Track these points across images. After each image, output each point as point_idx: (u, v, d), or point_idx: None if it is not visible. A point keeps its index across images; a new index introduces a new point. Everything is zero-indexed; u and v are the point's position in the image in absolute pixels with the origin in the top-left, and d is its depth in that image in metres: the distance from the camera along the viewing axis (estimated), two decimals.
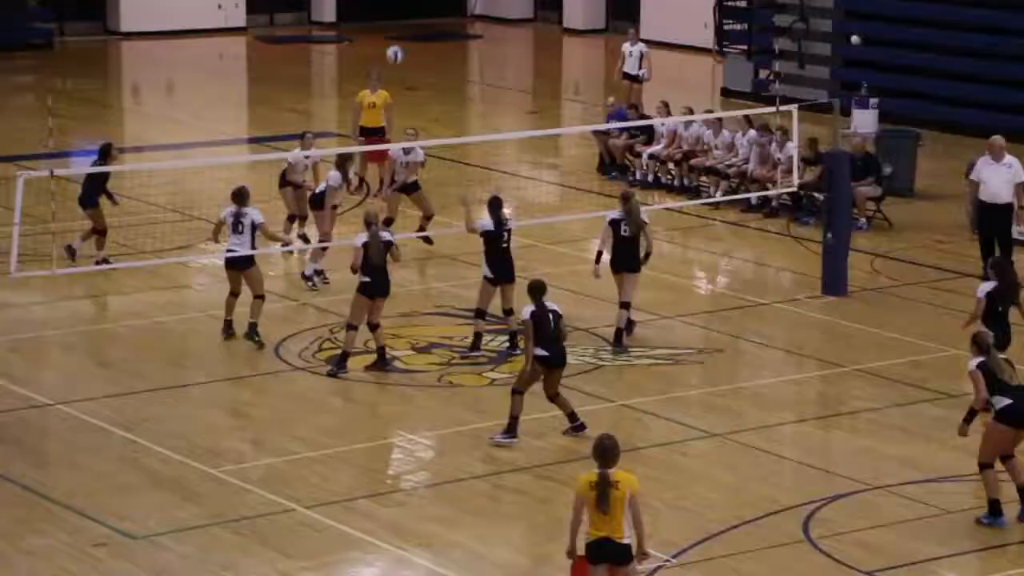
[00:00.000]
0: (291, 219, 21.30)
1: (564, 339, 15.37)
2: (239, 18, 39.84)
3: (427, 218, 21.59)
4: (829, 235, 20.09)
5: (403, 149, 21.19)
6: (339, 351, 17.67)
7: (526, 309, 15.21)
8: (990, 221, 20.52)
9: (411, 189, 21.66)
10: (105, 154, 20.43)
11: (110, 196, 20.53)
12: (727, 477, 14.84)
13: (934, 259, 21.75)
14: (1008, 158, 20.57)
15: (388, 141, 23.98)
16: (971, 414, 13.97)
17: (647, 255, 18.03)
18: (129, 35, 38.58)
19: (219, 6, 39.46)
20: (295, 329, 18.54)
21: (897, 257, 21.86)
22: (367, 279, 17.12)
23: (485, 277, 17.81)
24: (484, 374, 17.35)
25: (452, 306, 19.41)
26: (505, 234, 17.77)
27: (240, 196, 17.94)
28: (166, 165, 25.30)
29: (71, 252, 20.22)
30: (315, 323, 18.68)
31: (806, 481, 14.84)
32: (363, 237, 17.17)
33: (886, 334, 18.54)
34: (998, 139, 20.85)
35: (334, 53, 38.92)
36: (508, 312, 17.81)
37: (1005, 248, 20.60)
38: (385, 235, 17.28)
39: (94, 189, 20.35)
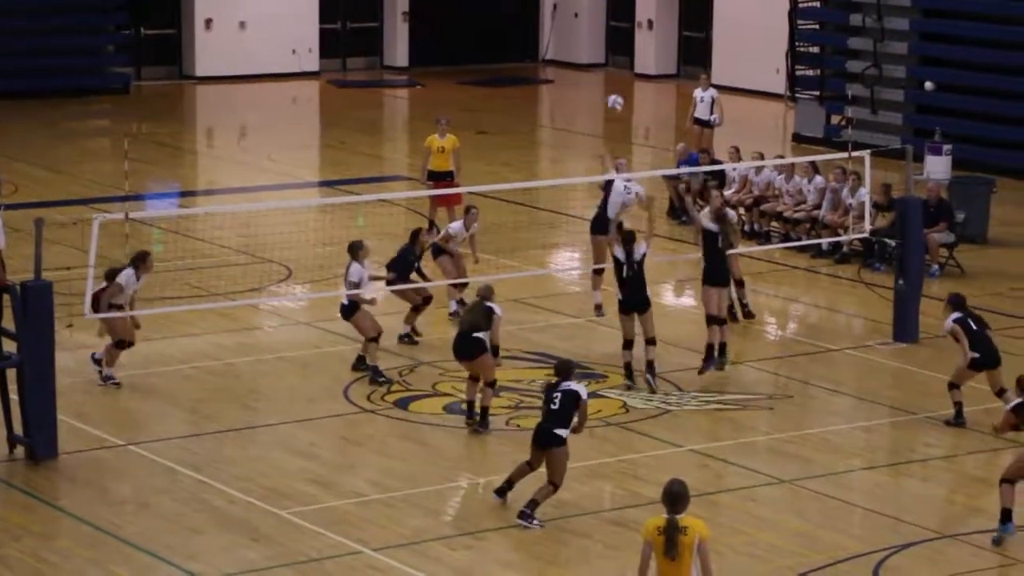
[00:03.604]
0: (455, 284, 20.62)
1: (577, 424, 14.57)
2: (313, 63, 40.22)
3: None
4: (901, 281, 19.97)
5: (465, 224, 20.82)
6: (408, 394, 17.82)
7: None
8: None
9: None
10: (414, 238, 19.74)
11: (422, 275, 19.82)
12: (796, 524, 14.74)
13: (1007, 306, 21.56)
14: None
15: (457, 185, 24.09)
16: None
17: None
18: (204, 79, 39.02)
19: (293, 51, 39.85)
20: (364, 372, 18.59)
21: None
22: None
23: (619, 302, 18.23)
24: None
25: (520, 349, 19.43)
26: (635, 265, 18.00)
27: (350, 248, 18.39)
28: (239, 207, 25.51)
29: (410, 338, 19.62)
30: (384, 366, 18.73)
31: (876, 529, 14.72)
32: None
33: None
34: None
35: (406, 97, 39.18)
36: (649, 341, 18.04)
37: None
38: (490, 305, 16.79)
39: (405, 270, 19.60)
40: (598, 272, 20.63)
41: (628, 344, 18.25)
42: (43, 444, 15.95)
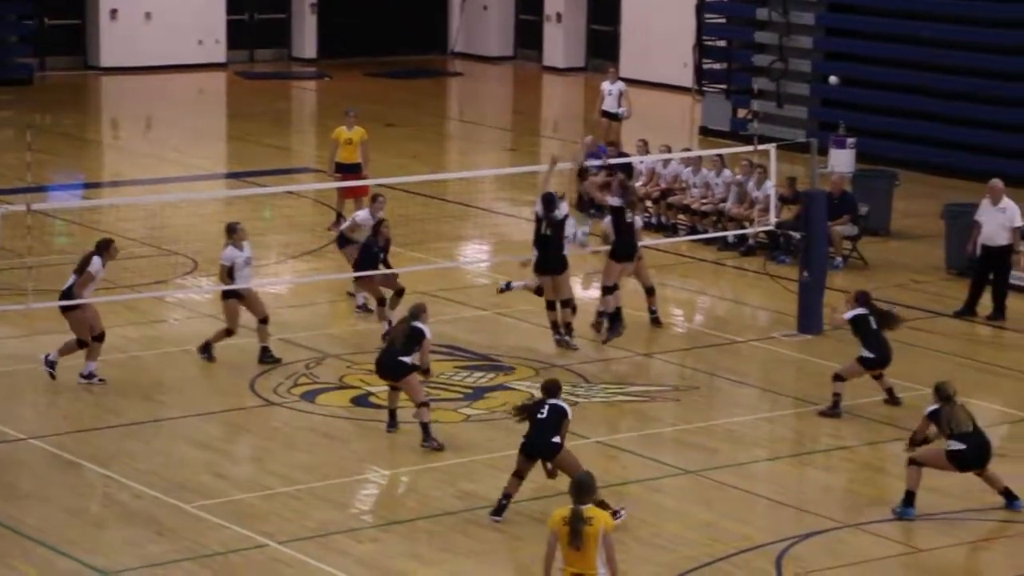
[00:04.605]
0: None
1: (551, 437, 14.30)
2: (220, 54, 39.94)
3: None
4: (805, 273, 20.16)
5: (371, 213, 20.66)
6: (315, 386, 17.78)
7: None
8: (985, 263, 20.91)
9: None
10: (376, 230, 19.57)
11: (387, 265, 19.56)
12: (701, 514, 14.84)
13: (909, 298, 21.82)
14: (1005, 202, 21.03)
15: (365, 177, 24.04)
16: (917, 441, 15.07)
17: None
18: (109, 70, 38.64)
19: (200, 42, 39.56)
20: (270, 364, 18.51)
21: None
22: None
23: (535, 262, 18.73)
24: (459, 410, 17.36)
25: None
26: (554, 223, 18.46)
27: (225, 230, 18.60)
28: (144, 199, 25.31)
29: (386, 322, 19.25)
30: (291, 359, 18.67)
31: (779, 518, 14.85)
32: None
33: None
34: (997, 183, 21.30)
35: (313, 89, 39.02)
36: (565, 304, 18.54)
37: (1000, 291, 20.89)
38: (419, 327, 16.29)
39: (371, 262, 19.41)
40: (537, 291, 19.73)
41: (551, 304, 18.69)
42: None
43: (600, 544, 11.31)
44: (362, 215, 20.58)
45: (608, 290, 19.10)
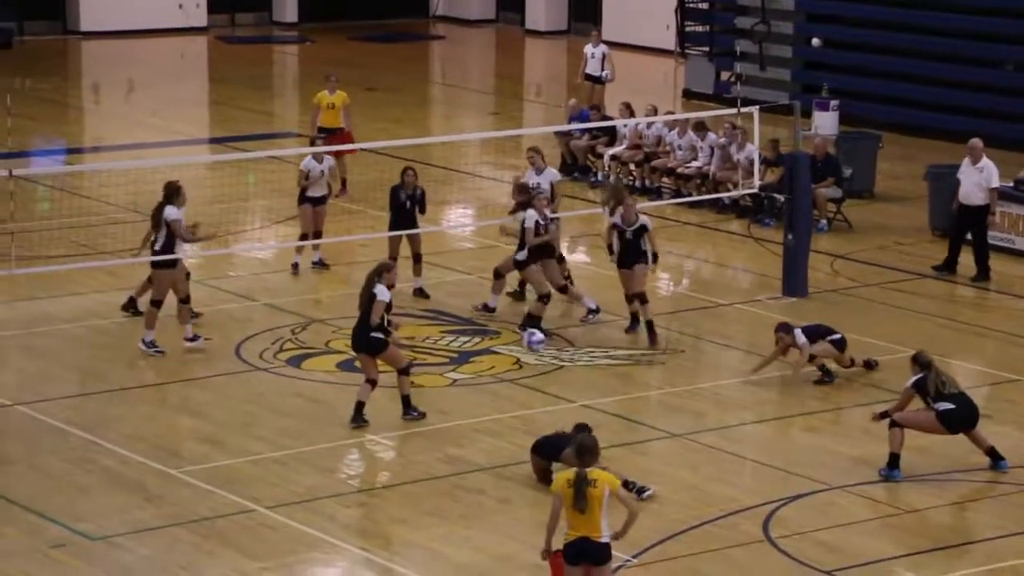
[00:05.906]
0: (304, 237, 20.34)
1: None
2: (200, 18, 39.76)
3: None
4: (790, 236, 20.17)
5: (315, 157, 20.63)
6: (301, 351, 17.76)
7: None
8: (962, 221, 21.04)
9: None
10: (402, 176, 19.52)
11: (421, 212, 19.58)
12: (688, 477, 14.88)
13: (893, 260, 21.87)
14: (984, 162, 21.04)
15: (349, 139, 23.99)
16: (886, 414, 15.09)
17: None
18: (89, 34, 38.45)
19: (180, 6, 39.37)
20: (256, 330, 18.51)
21: (856, 258, 21.98)
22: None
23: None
24: (445, 375, 17.36)
25: (413, 307, 19.41)
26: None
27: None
28: (126, 164, 25.21)
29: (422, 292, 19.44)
30: (276, 324, 18.65)
31: (766, 481, 14.89)
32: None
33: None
34: (976, 142, 21.32)
35: (295, 53, 38.88)
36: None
37: (981, 253, 20.95)
38: (379, 289, 15.80)
39: (398, 209, 19.45)
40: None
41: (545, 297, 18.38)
42: None
43: (605, 506, 11.29)
44: (305, 162, 20.58)
45: (642, 297, 18.46)
